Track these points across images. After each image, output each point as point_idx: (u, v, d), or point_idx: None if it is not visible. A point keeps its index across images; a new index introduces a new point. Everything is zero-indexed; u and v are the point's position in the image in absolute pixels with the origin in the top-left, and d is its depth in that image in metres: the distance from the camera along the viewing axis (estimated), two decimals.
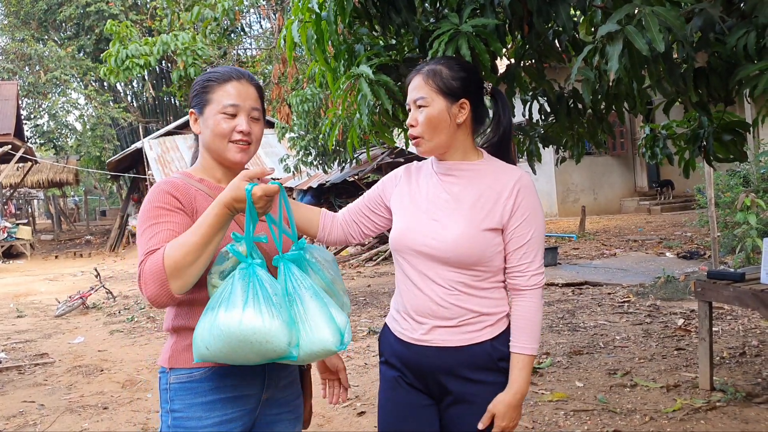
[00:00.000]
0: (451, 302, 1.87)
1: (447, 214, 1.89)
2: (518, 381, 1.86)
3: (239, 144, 1.79)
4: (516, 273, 1.89)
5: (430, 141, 1.90)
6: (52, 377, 5.86)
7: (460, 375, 1.90)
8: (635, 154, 18.23)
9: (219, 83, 1.80)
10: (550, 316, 6.86)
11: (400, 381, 1.98)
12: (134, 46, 7.41)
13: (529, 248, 1.88)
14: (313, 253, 1.79)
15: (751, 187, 9.76)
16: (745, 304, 3.96)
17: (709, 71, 3.24)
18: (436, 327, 1.89)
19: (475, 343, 1.88)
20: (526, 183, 1.90)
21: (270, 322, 1.53)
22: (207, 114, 1.80)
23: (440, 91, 1.88)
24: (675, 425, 3.75)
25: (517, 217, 1.86)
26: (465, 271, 1.87)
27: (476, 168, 1.93)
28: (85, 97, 25.48)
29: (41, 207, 41.98)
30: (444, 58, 2.00)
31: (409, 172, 2.06)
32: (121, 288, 11.61)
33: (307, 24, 3.58)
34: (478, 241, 1.84)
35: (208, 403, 1.71)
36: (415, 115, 1.90)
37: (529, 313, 1.88)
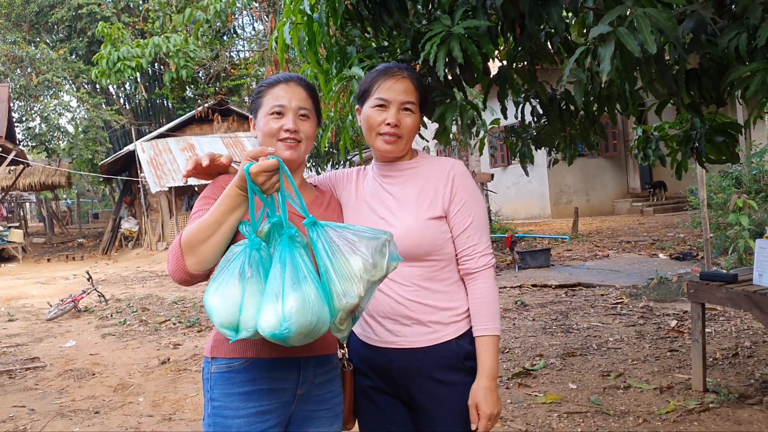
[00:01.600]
0: (410, 299, 1.91)
1: (392, 212, 1.96)
2: (487, 363, 1.88)
3: (287, 142, 1.86)
4: (465, 257, 1.94)
5: (406, 144, 1.98)
6: (43, 381, 5.82)
7: (428, 376, 1.91)
8: (628, 156, 18.28)
9: (269, 88, 1.91)
10: (543, 318, 6.86)
11: (368, 390, 2.00)
12: (126, 48, 7.37)
13: (472, 231, 1.94)
14: (321, 233, 1.65)
15: (743, 189, 9.80)
16: (738, 305, 3.97)
17: (700, 73, 3.24)
18: (399, 328, 1.91)
19: (440, 342, 1.91)
20: (460, 170, 1.99)
21: (212, 297, 1.57)
22: (259, 117, 1.91)
23: (420, 101, 1.98)
24: (668, 427, 3.75)
25: (456, 203, 1.94)
26: (420, 264, 1.91)
27: (413, 166, 2.02)
28: (77, 100, 25.37)
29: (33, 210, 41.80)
30: (409, 68, 2.03)
31: (358, 174, 2.12)
32: (113, 291, 11.56)
33: (299, 26, 3.57)
34: (427, 230, 1.91)
35: (245, 393, 1.77)
36: (400, 117, 1.93)
37: (484, 294, 1.93)
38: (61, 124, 26.32)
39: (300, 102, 1.88)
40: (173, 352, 6.61)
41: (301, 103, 1.88)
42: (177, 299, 10.20)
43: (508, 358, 5.44)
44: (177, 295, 10.65)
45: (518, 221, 17.63)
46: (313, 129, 1.92)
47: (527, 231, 14.71)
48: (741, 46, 2.77)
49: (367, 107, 1.97)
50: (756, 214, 8.84)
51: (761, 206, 9.08)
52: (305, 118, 1.89)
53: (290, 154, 1.86)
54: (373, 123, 1.95)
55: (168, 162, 19.57)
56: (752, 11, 2.62)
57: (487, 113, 4.86)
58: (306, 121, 1.89)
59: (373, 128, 1.95)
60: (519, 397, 4.44)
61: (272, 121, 1.86)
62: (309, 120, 1.90)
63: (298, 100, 1.88)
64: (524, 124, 4.43)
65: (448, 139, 3.73)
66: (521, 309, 7.43)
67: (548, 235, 13.73)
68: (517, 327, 6.54)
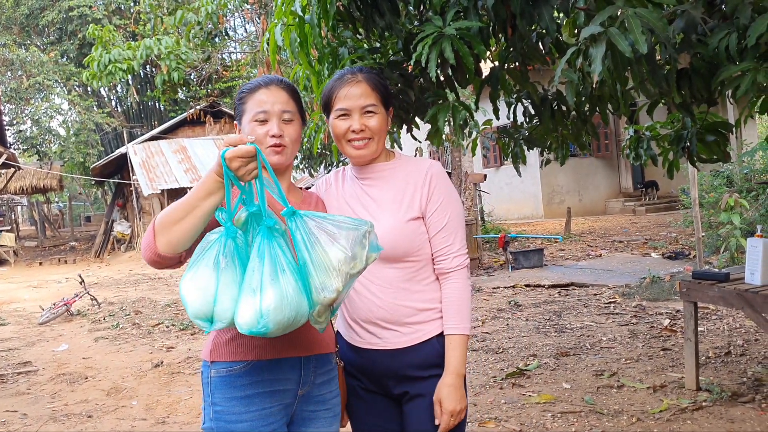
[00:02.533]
0: (390, 301, 1.93)
1: (371, 214, 1.97)
2: (454, 361, 1.91)
3: (273, 148, 1.86)
4: (440, 257, 1.97)
5: (377, 145, 1.99)
6: (36, 386, 5.79)
7: (409, 375, 1.95)
8: (620, 156, 18.34)
9: (250, 93, 1.90)
10: (536, 318, 6.87)
11: (357, 389, 2.04)
12: (117, 50, 7.34)
13: (447, 231, 1.97)
14: (300, 223, 1.61)
15: (734, 188, 9.84)
16: (730, 304, 3.98)
17: (691, 72, 3.25)
18: (381, 330, 1.94)
19: (421, 341, 1.94)
20: (437, 170, 2.01)
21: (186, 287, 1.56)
22: (244, 123, 1.90)
23: (382, 101, 1.99)
24: (662, 426, 3.76)
25: (433, 202, 1.96)
26: (399, 265, 1.94)
27: (391, 167, 2.03)
28: (68, 103, 25.26)
29: (25, 213, 41.60)
30: (365, 68, 2.05)
31: (337, 177, 2.14)
32: (106, 294, 11.51)
33: (291, 27, 3.56)
34: (405, 231, 1.93)
35: (247, 397, 1.76)
36: (363, 121, 1.95)
37: (456, 293, 1.95)
38: (53, 127, 26.21)
39: (282, 105, 1.88)
40: (166, 355, 6.58)
41: (283, 106, 1.88)
42: (170, 302, 10.17)
43: (501, 358, 5.45)
44: (170, 298, 10.62)
45: (511, 221, 17.67)
46: (298, 131, 1.92)
47: (520, 231, 14.74)
48: (731, 45, 2.78)
49: (332, 118, 2.00)
50: (747, 213, 8.89)
51: (752, 205, 9.13)
52: (289, 122, 1.89)
53: (278, 159, 1.87)
54: (339, 132, 1.98)
55: (160, 164, 19.51)
56: (742, 11, 2.63)
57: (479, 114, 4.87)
58: (290, 124, 1.89)
59: (341, 137, 1.98)
60: (513, 397, 4.44)
61: (257, 127, 1.86)
62: (293, 123, 1.90)
63: (281, 104, 1.88)
64: (516, 124, 4.44)
65: (441, 139, 3.73)
66: (515, 309, 7.44)
67: (541, 236, 13.76)
68: (510, 327, 6.55)
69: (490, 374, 4.99)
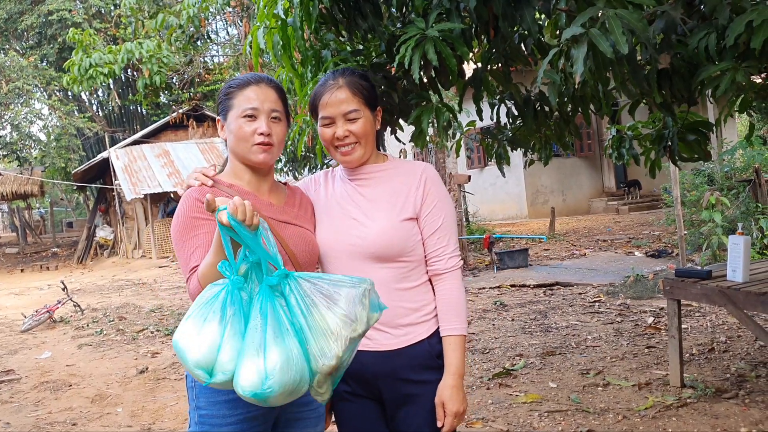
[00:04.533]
0: (383, 301, 1.90)
1: (365, 213, 1.98)
2: (455, 362, 1.92)
3: (261, 146, 1.85)
4: (434, 258, 1.98)
5: (365, 147, 1.99)
6: (19, 394, 5.72)
7: (402, 378, 1.94)
8: (602, 155, 18.47)
9: (239, 89, 1.89)
10: (522, 318, 6.89)
11: (344, 394, 2.01)
12: (98, 54, 7.28)
13: (442, 233, 1.98)
14: (294, 286, 1.58)
15: (715, 186, 9.95)
16: (713, 301, 4.02)
17: (672, 72, 3.28)
18: (373, 331, 1.92)
19: (413, 343, 1.94)
20: (431, 173, 2.03)
21: (186, 336, 1.53)
22: (230, 119, 1.89)
23: (366, 103, 1.98)
24: (647, 423, 3.79)
25: (428, 204, 1.97)
26: (392, 265, 1.94)
27: (384, 169, 2.04)
28: (48, 107, 25.01)
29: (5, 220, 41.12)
30: (348, 70, 2.04)
31: (326, 177, 2.14)
32: (89, 300, 11.40)
33: (273, 30, 3.55)
34: (399, 231, 1.94)
35: (232, 401, 1.74)
36: (347, 127, 1.95)
37: (452, 294, 1.97)
38: (33, 133, 25.94)
39: (272, 104, 1.88)
40: (152, 361, 6.54)
41: (273, 105, 1.88)
42: (154, 307, 10.09)
43: (488, 358, 5.46)
44: (154, 304, 10.54)
45: (495, 222, 17.73)
46: (284, 132, 1.93)
47: (505, 232, 14.79)
48: (710, 45, 2.81)
49: (319, 126, 2.00)
50: (728, 211, 8.98)
51: (733, 203, 9.23)
52: (277, 121, 1.89)
53: (264, 157, 1.87)
54: (326, 139, 1.99)
55: (143, 169, 19.36)
56: (720, 11, 2.66)
57: (463, 115, 4.89)
58: (278, 123, 1.89)
59: (329, 144, 1.99)
60: (500, 398, 4.46)
61: (245, 124, 1.85)
62: (280, 122, 1.90)
63: (270, 103, 1.88)
64: (500, 125, 4.46)
65: (425, 141, 3.74)
66: (500, 309, 7.47)
67: (526, 236, 13.82)
68: (496, 327, 6.57)
69: (477, 375, 5.00)
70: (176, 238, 1.79)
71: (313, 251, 1.94)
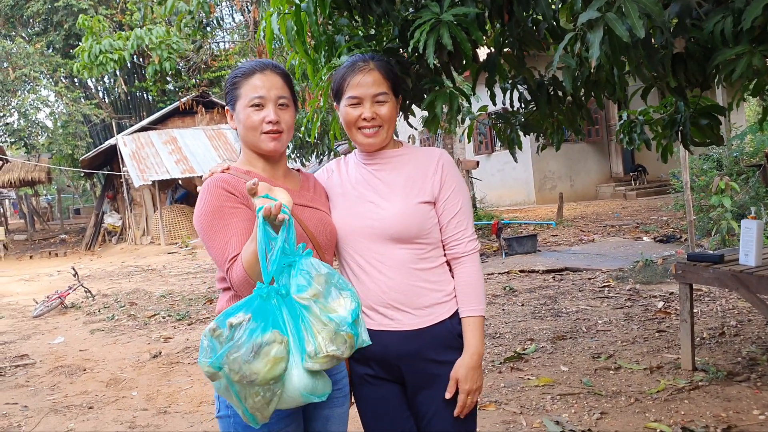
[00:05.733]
0: (403, 281, 1.96)
1: (381, 196, 2.01)
2: (474, 342, 1.96)
3: (270, 134, 1.87)
4: (453, 241, 2.01)
5: (387, 132, 2.02)
6: (34, 378, 5.79)
7: (426, 358, 1.97)
8: (610, 141, 18.41)
9: (245, 78, 1.89)
10: (532, 303, 6.92)
11: (366, 378, 2.04)
12: (107, 41, 7.29)
13: (461, 217, 2.02)
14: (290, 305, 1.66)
15: (723, 171, 9.92)
16: (725, 285, 4.03)
17: (686, 56, 3.27)
18: (394, 311, 1.96)
19: (435, 323, 1.97)
20: (447, 159, 2.07)
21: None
22: (238, 109, 1.90)
23: (392, 89, 2.02)
24: (660, 405, 3.82)
25: (446, 189, 2.01)
26: (410, 246, 1.97)
27: (401, 154, 2.07)
28: (55, 94, 25.04)
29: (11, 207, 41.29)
30: (377, 55, 2.07)
31: (338, 165, 2.16)
32: (99, 287, 11.48)
33: (287, 15, 3.56)
34: (416, 213, 1.96)
35: None
36: (375, 109, 1.98)
37: (471, 277, 2.01)
38: (40, 119, 26.00)
39: (278, 91, 1.89)
40: (164, 346, 6.60)
41: (279, 92, 1.89)
42: (165, 293, 10.17)
43: (499, 342, 5.50)
44: (164, 289, 10.62)
45: (503, 208, 17.72)
46: (292, 117, 1.94)
47: (513, 217, 14.79)
48: (726, 29, 2.80)
49: (343, 105, 2.02)
50: (737, 196, 8.97)
51: (743, 188, 9.21)
52: (285, 107, 1.90)
53: (274, 145, 1.89)
54: (350, 120, 2.00)
55: (151, 155, 19.40)
56: None
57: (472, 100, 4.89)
58: (286, 110, 1.90)
59: (352, 124, 2.01)
60: (512, 381, 4.49)
61: (253, 113, 1.86)
62: (288, 108, 1.92)
63: (277, 90, 1.88)
64: (513, 110, 4.46)
65: (438, 126, 3.75)
66: (510, 294, 7.49)
67: (534, 221, 13.82)
68: (506, 312, 6.60)
69: (489, 359, 5.04)
70: (206, 229, 1.78)
71: (331, 233, 1.97)
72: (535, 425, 3.73)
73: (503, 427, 3.74)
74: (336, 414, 1.96)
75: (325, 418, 1.93)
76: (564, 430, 3.57)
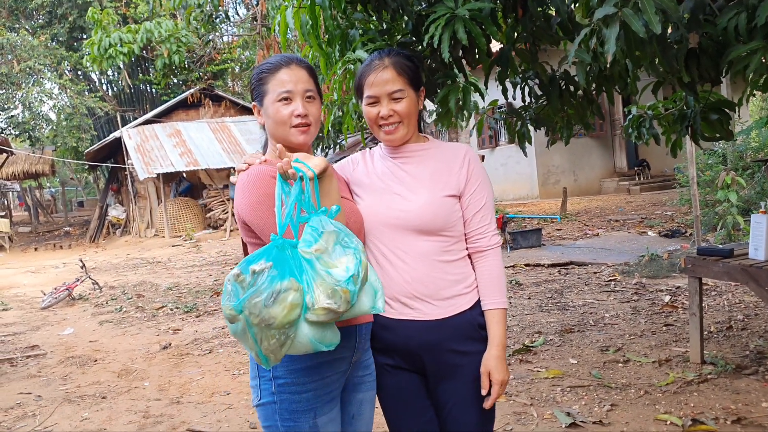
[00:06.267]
0: (426, 272, 2.00)
1: (408, 188, 2.04)
2: (499, 334, 2.01)
3: (300, 128, 1.90)
4: (477, 235, 2.05)
5: (408, 127, 2.05)
6: (46, 368, 5.84)
7: (446, 348, 2.01)
8: (614, 135, 18.42)
9: (271, 73, 1.92)
10: (538, 296, 6.96)
11: (386, 368, 2.07)
12: (117, 33, 7.31)
13: (485, 211, 2.06)
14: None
15: (728, 166, 9.93)
16: (735, 279, 4.06)
17: (699, 52, 3.30)
18: (416, 301, 2.00)
19: (456, 313, 2.01)
20: (473, 155, 2.11)
21: None
22: (266, 104, 1.93)
23: (410, 83, 2.04)
24: (669, 398, 3.86)
25: (472, 183, 2.05)
26: (434, 238, 2.00)
27: (426, 148, 2.11)
28: (59, 87, 25.05)
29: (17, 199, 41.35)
30: (393, 50, 2.10)
31: (364, 156, 2.20)
32: (105, 278, 11.54)
33: (302, 9, 3.59)
34: (442, 206, 2.00)
35: (309, 368, 1.83)
36: (391, 106, 2.01)
37: (495, 270, 2.05)
38: (44, 112, 26.02)
39: (305, 84, 1.92)
40: (173, 338, 6.65)
41: (306, 85, 1.92)
42: (171, 285, 10.22)
43: (507, 335, 5.53)
44: (171, 282, 10.67)
45: (507, 202, 17.74)
46: (319, 110, 1.97)
47: (517, 212, 14.82)
48: (740, 25, 2.83)
49: (363, 105, 2.07)
50: (743, 191, 8.99)
51: (749, 183, 9.23)
52: (311, 100, 1.93)
53: (304, 138, 1.92)
54: (370, 118, 2.05)
55: (155, 148, 19.43)
56: None
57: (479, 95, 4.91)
58: (312, 102, 1.94)
59: (373, 123, 2.05)
60: (521, 373, 4.53)
61: (282, 107, 1.89)
62: (315, 101, 1.95)
63: (303, 83, 1.92)
64: (524, 104, 4.48)
65: (451, 120, 3.78)
66: (516, 288, 7.53)
67: (539, 215, 13.85)
68: (513, 305, 6.64)
69: None
70: (263, 214, 1.80)
71: (359, 220, 2.00)
72: (546, 416, 3.77)
73: (514, 419, 3.78)
74: (369, 398, 2.02)
75: (359, 402, 1.99)
76: (575, 421, 3.61)
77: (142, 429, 4.19)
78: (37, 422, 4.44)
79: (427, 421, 2.08)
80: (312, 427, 1.82)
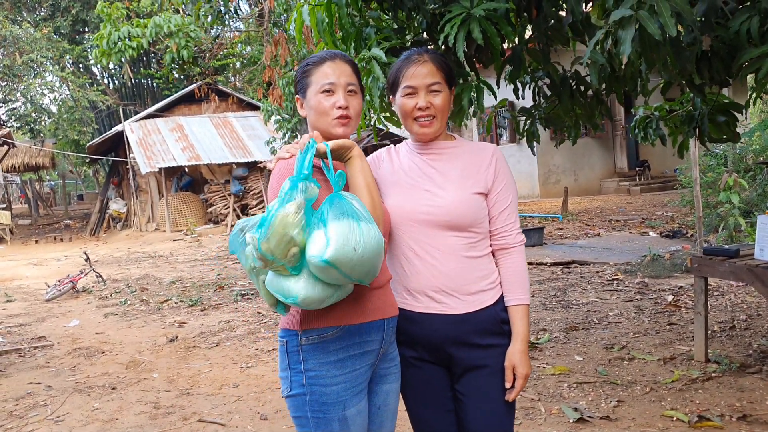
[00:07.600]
0: (453, 266, 2.04)
1: (437, 185, 2.08)
2: (522, 330, 2.07)
3: (340, 119, 1.95)
4: (503, 233, 2.11)
5: (440, 123, 2.10)
6: (54, 359, 5.89)
7: (469, 342, 2.05)
8: (615, 136, 18.48)
9: (315, 66, 1.98)
10: (542, 294, 7.02)
11: (410, 360, 2.12)
12: (126, 28, 7.35)
13: (511, 210, 2.13)
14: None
15: (730, 167, 9.99)
16: (741, 279, 4.12)
17: (711, 54, 3.35)
18: (442, 295, 2.04)
19: (481, 308, 2.06)
20: (500, 154, 2.17)
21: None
22: (309, 96, 1.98)
23: (446, 80, 2.09)
24: (675, 394, 3.92)
25: (499, 182, 2.11)
26: (462, 234, 2.05)
27: (454, 146, 2.16)
28: (60, 80, 25.03)
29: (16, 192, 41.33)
30: (430, 49, 2.16)
31: (389, 153, 2.25)
32: (108, 272, 11.58)
33: (318, 7, 3.63)
34: (471, 203, 2.05)
35: (340, 360, 1.87)
36: (429, 99, 2.06)
37: (519, 267, 2.11)
38: (46, 105, 26.00)
39: (348, 78, 1.97)
40: (180, 330, 6.70)
41: (348, 79, 1.97)
42: (174, 279, 10.26)
43: None
44: (174, 275, 10.71)
45: None
46: (360, 104, 2.02)
47: (518, 211, 14.85)
48: (753, 28, 2.88)
49: (399, 96, 2.10)
50: (745, 193, 9.05)
51: (750, 185, 9.29)
52: (353, 94, 1.98)
53: (344, 130, 1.96)
54: (406, 110, 2.08)
55: (157, 142, 19.46)
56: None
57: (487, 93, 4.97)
58: (354, 96, 1.98)
59: (408, 115, 2.09)
60: None
61: (324, 99, 1.94)
62: (356, 95, 2.00)
63: (346, 77, 1.96)
64: (534, 103, 4.53)
65: (463, 119, 3.84)
66: None
67: (541, 215, 13.91)
68: None
69: None
70: None
71: (387, 218, 2.04)
72: (554, 412, 3.83)
73: (523, 413, 3.84)
74: (394, 389, 2.06)
75: (385, 393, 2.03)
76: (583, 417, 3.67)
77: (153, 419, 4.24)
78: (49, 411, 4.49)
79: (446, 412, 2.13)
80: (341, 418, 1.86)
